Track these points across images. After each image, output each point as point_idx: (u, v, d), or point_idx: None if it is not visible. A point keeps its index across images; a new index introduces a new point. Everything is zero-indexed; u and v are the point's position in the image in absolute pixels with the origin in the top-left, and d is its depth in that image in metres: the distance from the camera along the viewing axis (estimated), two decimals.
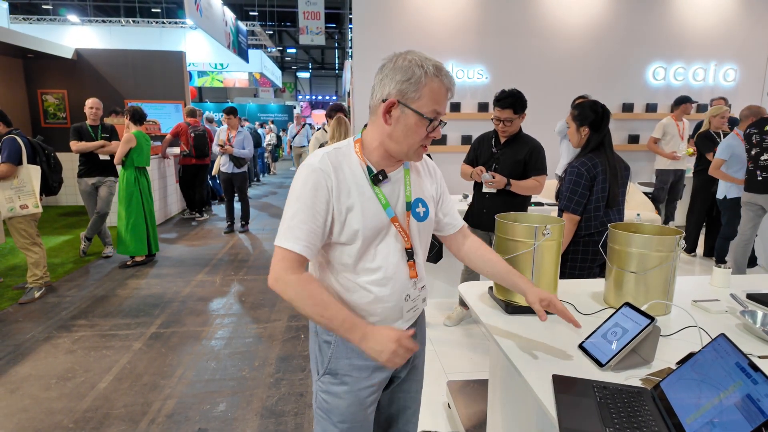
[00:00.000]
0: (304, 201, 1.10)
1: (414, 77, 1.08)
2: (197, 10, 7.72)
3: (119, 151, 4.54)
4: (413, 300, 1.25)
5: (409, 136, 1.12)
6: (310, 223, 1.10)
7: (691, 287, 1.77)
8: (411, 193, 1.22)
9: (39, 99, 7.78)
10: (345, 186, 1.12)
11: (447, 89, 1.11)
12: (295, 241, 1.09)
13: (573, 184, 2.24)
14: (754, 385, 0.83)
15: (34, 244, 3.81)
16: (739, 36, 6.17)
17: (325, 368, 1.23)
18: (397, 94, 1.09)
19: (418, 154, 1.16)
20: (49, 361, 2.89)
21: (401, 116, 1.10)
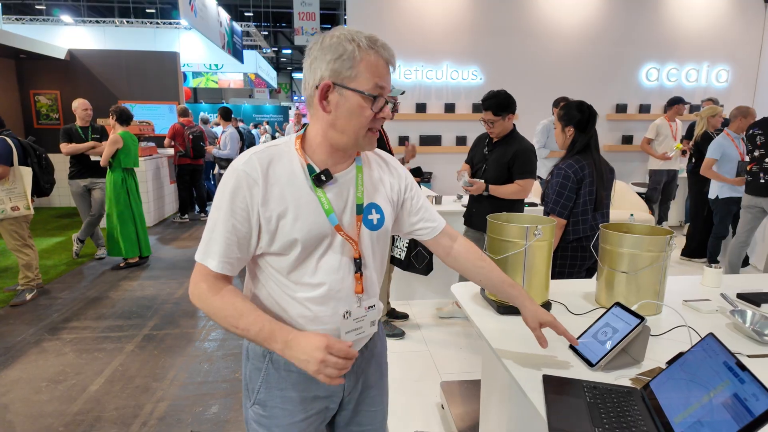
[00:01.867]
0: (224, 210, 0.97)
1: (346, 53, 0.94)
2: (192, 11, 7.69)
3: (105, 153, 4.47)
4: (355, 320, 1.07)
5: (353, 120, 0.97)
6: (229, 235, 0.98)
7: (682, 287, 1.78)
8: (363, 195, 1.06)
9: (31, 100, 7.73)
10: (276, 189, 0.98)
11: (386, 61, 0.97)
12: (212, 256, 0.99)
13: (559, 186, 2.18)
14: (741, 385, 0.83)
15: (26, 246, 3.77)
16: (731, 37, 6.22)
17: (254, 398, 1.10)
18: (331, 75, 0.95)
19: (369, 140, 1.00)
20: (39, 364, 2.86)
21: (340, 100, 0.96)
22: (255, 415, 1.11)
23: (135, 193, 4.74)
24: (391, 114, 1.02)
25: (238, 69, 14.89)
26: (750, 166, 3.84)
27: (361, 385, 1.17)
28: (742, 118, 4.12)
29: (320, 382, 1.03)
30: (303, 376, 1.08)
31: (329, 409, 1.14)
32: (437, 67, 5.82)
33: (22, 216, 3.67)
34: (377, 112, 0.98)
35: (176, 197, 7.43)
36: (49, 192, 3.98)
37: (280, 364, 1.08)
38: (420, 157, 5.90)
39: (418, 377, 2.68)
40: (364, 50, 0.94)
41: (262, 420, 1.10)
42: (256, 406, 1.11)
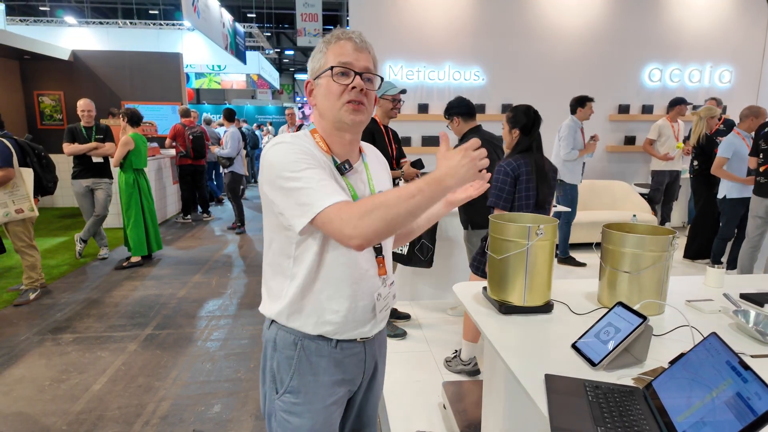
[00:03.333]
0: (309, 163, 1.00)
1: (317, 51, 1.10)
2: (194, 12, 7.72)
3: (117, 154, 4.53)
4: (385, 298, 1.18)
5: (327, 100, 1.07)
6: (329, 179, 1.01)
7: (684, 287, 1.77)
8: (374, 184, 1.17)
9: (35, 100, 7.76)
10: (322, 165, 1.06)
11: (350, 41, 1.07)
12: (338, 192, 0.98)
13: (500, 182, 2.40)
14: (744, 384, 0.83)
15: (31, 247, 3.78)
16: (734, 38, 6.20)
17: (285, 386, 1.13)
18: (310, 74, 1.11)
19: (348, 111, 1.06)
20: (43, 363, 2.87)
21: (317, 90, 1.10)
22: (285, 404, 1.14)
23: (147, 192, 4.82)
24: (361, 83, 1.06)
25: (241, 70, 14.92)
26: (764, 167, 3.72)
27: (374, 367, 1.26)
28: (753, 117, 4.06)
29: (347, 365, 1.16)
30: (332, 360, 1.14)
31: (350, 391, 1.21)
32: (439, 68, 5.82)
33: (27, 217, 3.67)
34: (346, 84, 1.06)
35: (179, 198, 7.46)
36: (53, 190, 3.97)
37: (311, 350, 1.12)
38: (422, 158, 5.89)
39: (420, 377, 2.68)
40: (330, 43, 1.08)
41: (294, 408, 1.13)
42: (287, 395, 1.13)
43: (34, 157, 3.77)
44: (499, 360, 1.28)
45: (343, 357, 1.15)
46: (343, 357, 1.15)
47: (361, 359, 1.19)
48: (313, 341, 1.12)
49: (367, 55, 1.09)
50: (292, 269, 1.10)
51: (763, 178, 3.78)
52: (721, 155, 4.14)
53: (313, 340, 1.12)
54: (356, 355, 1.18)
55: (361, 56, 1.08)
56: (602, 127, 6.14)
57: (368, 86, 1.09)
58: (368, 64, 1.09)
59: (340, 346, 1.14)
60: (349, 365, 1.17)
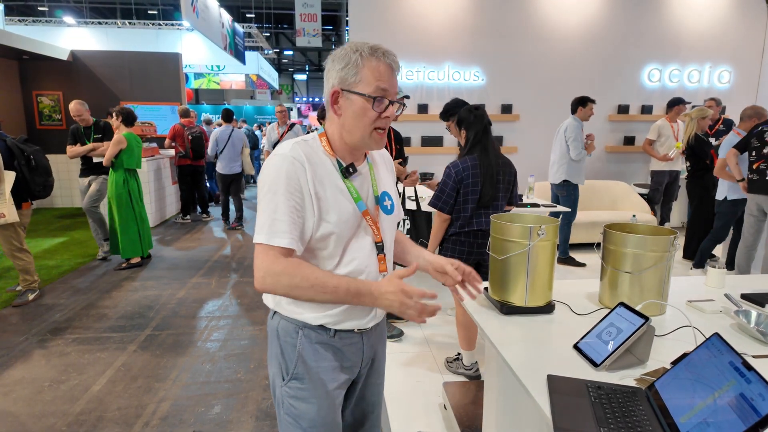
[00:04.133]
0: (282, 192, 1.04)
1: (351, 62, 1.07)
2: (194, 12, 7.71)
3: (108, 153, 4.47)
4: None
5: (358, 121, 1.09)
6: (292, 214, 1.05)
7: (686, 287, 1.77)
8: (377, 186, 1.21)
9: (34, 101, 7.75)
10: (318, 178, 1.09)
11: (388, 65, 1.08)
12: (281, 235, 1.03)
13: (443, 184, 2.41)
14: (748, 384, 0.83)
15: (21, 250, 3.71)
16: (733, 38, 6.21)
17: (291, 373, 1.18)
18: (339, 82, 1.09)
19: (376, 140, 1.12)
20: (42, 364, 2.87)
21: (347, 104, 1.09)
22: (292, 390, 1.18)
23: (137, 195, 4.73)
24: (395, 114, 1.10)
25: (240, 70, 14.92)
26: (757, 164, 3.73)
27: (373, 356, 1.30)
28: (756, 119, 4.01)
29: (346, 353, 1.21)
30: (332, 348, 1.19)
31: (349, 379, 1.25)
32: (439, 68, 5.82)
33: (9, 223, 3.52)
34: (381, 112, 1.08)
35: (177, 198, 7.45)
36: (44, 195, 3.81)
37: (312, 338, 1.17)
38: (422, 158, 5.90)
39: (420, 378, 2.68)
40: (365, 57, 1.07)
41: (300, 393, 1.18)
42: (293, 381, 1.18)
43: (22, 160, 3.60)
44: (500, 360, 1.28)
45: (341, 345, 1.20)
46: (342, 345, 1.20)
47: (359, 348, 1.23)
48: (313, 330, 1.17)
49: (397, 79, 1.12)
50: None
51: (755, 175, 3.77)
52: (724, 156, 4.06)
53: (313, 329, 1.17)
54: (354, 344, 1.22)
55: (394, 81, 1.10)
56: (602, 128, 6.15)
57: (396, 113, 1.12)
58: (397, 89, 1.12)
59: (339, 336, 1.18)
60: (347, 353, 1.21)
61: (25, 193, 3.68)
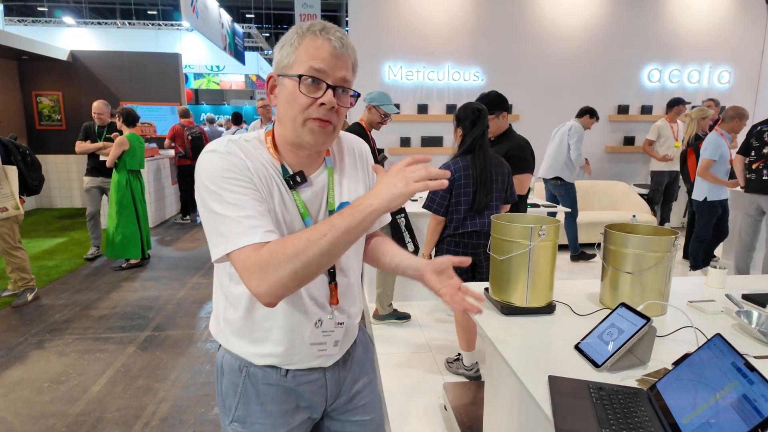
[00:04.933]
0: (230, 188, 0.85)
1: (287, 41, 0.90)
2: (193, 12, 7.71)
3: (111, 154, 4.49)
4: (323, 333, 1.00)
5: (289, 108, 0.89)
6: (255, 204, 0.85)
7: (687, 288, 1.77)
8: (334, 198, 1.00)
9: (33, 101, 7.74)
10: (261, 180, 0.90)
11: (327, 42, 0.87)
12: (251, 232, 0.82)
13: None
14: (750, 385, 0.83)
15: (16, 248, 3.69)
16: (733, 38, 6.21)
17: (232, 415, 1.03)
18: (275, 67, 0.92)
19: (310, 131, 0.89)
20: (41, 365, 2.86)
21: (280, 89, 0.91)
22: None
23: (140, 195, 4.76)
24: (333, 100, 0.88)
25: (240, 70, 14.93)
26: (757, 165, 3.71)
27: (345, 393, 1.11)
28: (738, 119, 4.03)
29: (303, 394, 1.03)
30: (282, 389, 1.02)
31: (312, 419, 1.09)
32: (439, 69, 5.82)
33: (11, 217, 3.56)
34: (317, 96, 0.87)
35: (177, 198, 7.44)
36: (39, 189, 3.88)
37: (257, 378, 1.01)
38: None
39: (420, 378, 2.68)
40: (302, 35, 0.88)
41: None
42: (234, 423, 1.03)
43: (18, 156, 3.65)
44: (501, 361, 1.27)
45: (296, 385, 1.02)
46: (296, 385, 1.02)
47: (322, 386, 1.06)
48: (259, 369, 1.01)
49: (347, 61, 0.91)
50: (228, 287, 0.98)
51: (753, 174, 3.76)
52: (710, 157, 4.02)
53: (259, 368, 1.01)
54: (314, 382, 1.04)
55: (339, 63, 0.89)
56: (602, 128, 6.15)
57: (341, 102, 0.90)
58: (346, 73, 0.91)
59: (292, 374, 1.01)
60: (304, 393, 1.04)
61: (22, 189, 3.72)
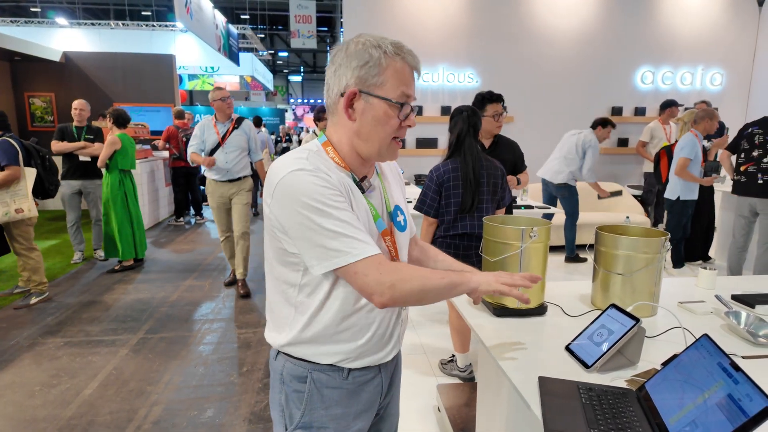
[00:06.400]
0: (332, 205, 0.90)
1: (372, 60, 0.93)
2: (187, 13, 7.68)
3: (103, 154, 4.47)
4: (403, 321, 1.12)
5: (379, 129, 0.95)
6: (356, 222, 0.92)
7: (677, 289, 1.79)
8: (390, 201, 1.08)
9: (26, 102, 7.69)
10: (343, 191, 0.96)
11: (412, 68, 0.97)
12: (371, 245, 0.92)
13: (425, 187, 2.42)
14: (736, 385, 0.84)
15: (32, 249, 3.74)
16: (725, 41, 6.27)
17: (296, 423, 1.04)
18: (357, 82, 0.94)
19: (393, 150, 0.99)
20: (33, 368, 2.84)
21: (366, 107, 0.95)
22: None
23: (132, 195, 4.74)
24: (415, 122, 1.00)
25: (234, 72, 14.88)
26: (746, 167, 3.77)
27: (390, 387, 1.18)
28: (708, 119, 4.12)
29: (362, 395, 1.07)
30: (344, 392, 1.05)
31: (366, 426, 1.11)
32: (433, 70, 5.84)
33: (27, 219, 3.62)
34: (403, 120, 0.97)
35: (171, 200, 7.41)
36: (54, 194, 3.95)
37: (322, 382, 1.03)
38: (416, 160, 5.91)
39: (414, 380, 2.68)
40: (390, 57, 0.94)
41: None
42: (299, 430, 1.04)
43: (38, 159, 3.76)
44: (493, 362, 1.28)
45: (356, 386, 1.06)
46: (356, 386, 1.06)
47: (378, 384, 1.10)
48: (323, 372, 1.03)
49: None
50: (297, 297, 1.00)
51: (743, 177, 3.80)
52: (687, 156, 4.09)
53: (323, 371, 1.03)
54: (370, 381, 1.08)
55: (415, 85, 0.99)
56: None
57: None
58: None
59: (352, 376, 1.04)
60: (364, 394, 1.07)
61: (39, 192, 3.78)
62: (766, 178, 3.65)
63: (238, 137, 3.87)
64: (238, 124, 3.91)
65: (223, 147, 3.81)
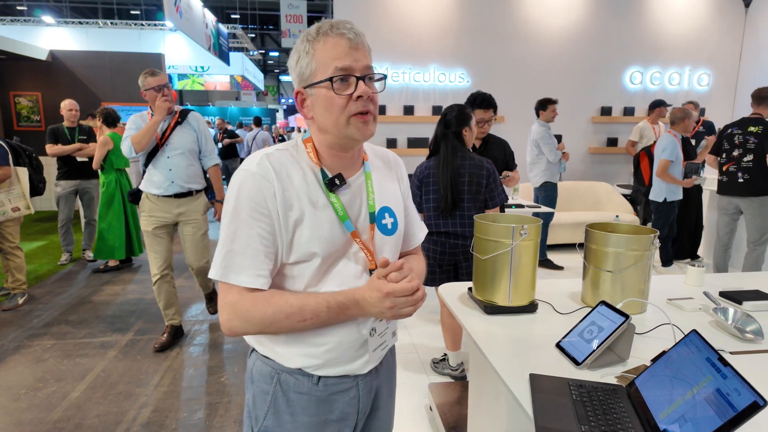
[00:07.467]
0: (243, 217, 0.90)
1: (301, 53, 0.92)
2: (177, 12, 7.61)
3: (97, 155, 4.44)
4: (380, 335, 1.02)
5: (328, 113, 0.91)
6: (255, 244, 0.89)
7: (666, 286, 1.80)
8: (375, 201, 1.01)
9: (11, 101, 7.57)
10: (291, 195, 0.92)
11: (341, 37, 0.90)
12: (238, 270, 0.89)
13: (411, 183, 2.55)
14: (724, 380, 0.84)
15: (17, 248, 3.74)
16: (712, 42, 6.35)
17: (260, 425, 1.01)
18: (298, 81, 0.94)
19: (357, 127, 0.91)
20: (18, 371, 2.79)
21: (313, 101, 0.93)
22: None
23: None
24: (367, 89, 0.91)
25: (225, 71, 14.78)
26: (726, 166, 3.83)
27: (371, 405, 1.09)
28: (688, 119, 4.19)
29: (334, 405, 1.01)
30: (313, 399, 1.00)
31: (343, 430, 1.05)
32: (424, 70, 5.84)
33: (17, 217, 3.65)
34: (352, 92, 0.90)
35: None
36: (43, 191, 3.95)
37: (289, 385, 0.99)
38: (407, 159, 5.91)
39: (406, 379, 2.67)
40: (313, 41, 0.91)
41: None
42: None
43: (25, 158, 3.76)
44: (484, 360, 1.28)
45: (327, 395, 1.00)
46: (328, 395, 1.00)
47: (354, 396, 1.03)
48: (291, 375, 0.99)
49: (364, 49, 0.93)
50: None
51: (725, 177, 3.86)
52: (668, 158, 4.13)
53: (291, 374, 0.99)
54: (346, 392, 1.02)
55: (359, 54, 0.91)
56: (585, 129, 6.23)
57: (373, 89, 0.93)
58: (368, 60, 0.93)
59: (323, 383, 0.99)
60: (336, 403, 1.01)
61: (29, 190, 3.78)
62: (746, 176, 3.72)
63: (183, 135, 2.89)
64: (182, 119, 2.92)
65: (164, 150, 2.85)
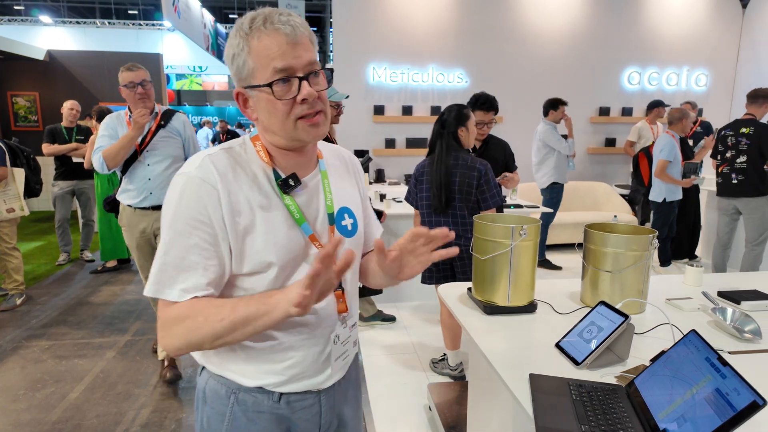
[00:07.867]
0: (180, 227, 0.81)
1: (236, 49, 0.82)
2: (175, 12, 7.60)
3: (87, 155, 4.41)
4: (343, 343, 0.96)
5: (273, 115, 0.83)
6: (193, 256, 0.81)
7: (665, 286, 1.80)
8: (333, 201, 0.94)
9: (9, 101, 7.55)
10: (239, 199, 0.83)
11: (276, 33, 0.79)
12: (170, 284, 0.81)
13: (410, 180, 2.63)
14: (723, 380, 0.85)
15: (15, 249, 3.73)
16: (709, 42, 6.37)
17: None
18: (237, 81, 0.86)
19: (304, 130, 0.84)
20: (17, 372, 2.78)
21: (255, 102, 0.85)
22: None
23: None
24: (312, 91, 0.82)
25: (223, 71, 14.79)
26: (721, 168, 3.86)
27: (336, 421, 1.03)
28: (685, 119, 4.22)
29: (296, 422, 0.95)
30: (274, 417, 0.93)
31: None
32: (423, 70, 5.84)
33: (16, 218, 3.64)
34: (294, 96, 0.81)
35: None
36: (39, 192, 3.96)
37: (247, 405, 0.92)
38: (406, 160, 5.91)
39: (405, 379, 2.67)
40: (247, 37, 0.80)
41: None
42: None
43: (23, 159, 3.76)
44: (484, 360, 1.28)
45: (289, 413, 0.94)
46: (290, 412, 0.94)
47: (316, 413, 0.97)
48: (249, 394, 0.92)
49: (305, 42, 0.82)
50: None
51: (720, 178, 3.89)
52: (666, 158, 4.14)
53: (249, 392, 0.92)
54: (308, 408, 0.96)
55: (299, 49, 0.81)
56: (583, 129, 6.24)
57: (318, 87, 0.84)
58: (310, 55, 0.83)
59: (285, 400, 0.93)
60: (298, 421, 0.95)
61: (26, 191, 3.78)
62: (740, 177, 3.75)
63: (166, 141, 2.57)
64: (165, 121, 2.59)
65: (144, 156, 2.52)
